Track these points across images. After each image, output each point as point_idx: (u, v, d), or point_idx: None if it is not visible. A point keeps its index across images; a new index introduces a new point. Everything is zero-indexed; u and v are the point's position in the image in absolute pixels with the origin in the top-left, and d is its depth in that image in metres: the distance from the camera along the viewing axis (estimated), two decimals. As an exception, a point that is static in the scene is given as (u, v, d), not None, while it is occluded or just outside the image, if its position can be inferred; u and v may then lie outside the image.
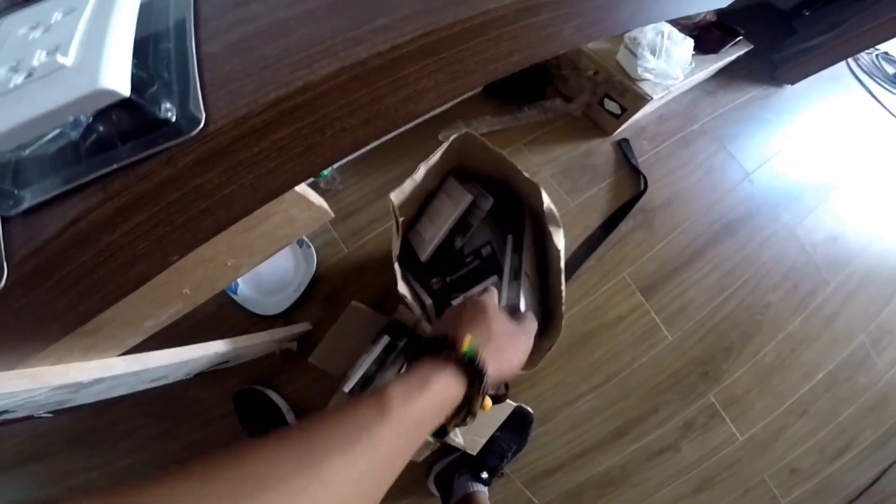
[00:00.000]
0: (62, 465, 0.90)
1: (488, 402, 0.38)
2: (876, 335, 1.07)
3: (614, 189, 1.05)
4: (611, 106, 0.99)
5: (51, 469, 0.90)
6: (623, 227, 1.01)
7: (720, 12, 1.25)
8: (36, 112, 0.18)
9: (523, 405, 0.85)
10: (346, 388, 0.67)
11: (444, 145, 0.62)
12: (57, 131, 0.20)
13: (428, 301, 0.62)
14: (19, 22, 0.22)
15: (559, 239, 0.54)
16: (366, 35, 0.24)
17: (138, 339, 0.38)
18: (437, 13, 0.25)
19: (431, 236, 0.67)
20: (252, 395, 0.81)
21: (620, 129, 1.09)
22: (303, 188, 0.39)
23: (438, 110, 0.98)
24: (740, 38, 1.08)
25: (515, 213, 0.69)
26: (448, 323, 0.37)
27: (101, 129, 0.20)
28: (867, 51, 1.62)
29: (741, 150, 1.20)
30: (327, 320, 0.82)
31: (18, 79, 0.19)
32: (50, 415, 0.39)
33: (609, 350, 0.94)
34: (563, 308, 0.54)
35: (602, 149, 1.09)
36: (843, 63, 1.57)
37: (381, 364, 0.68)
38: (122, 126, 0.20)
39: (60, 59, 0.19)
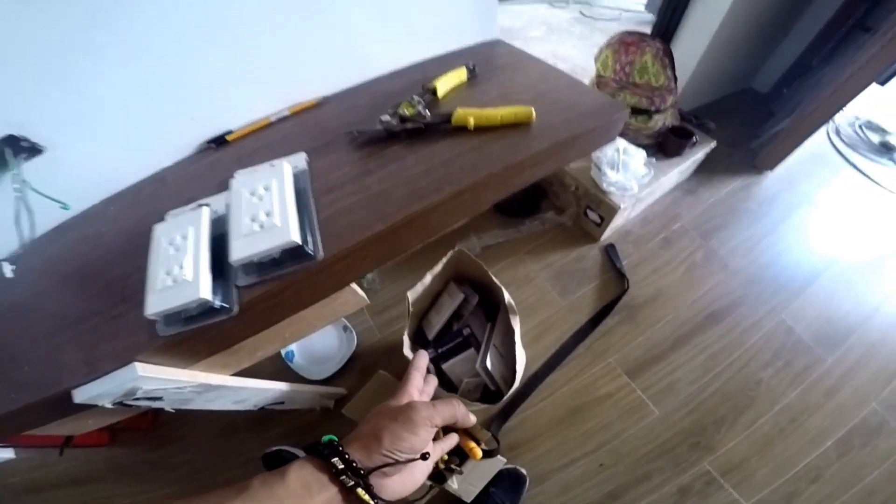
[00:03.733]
0: (99, 490, 1.09)
1: (479, 452, 0.49)
2: (890, 401, 1.10)
3: (601, 289, 1.26)
4: (592, 216, 1.25)
5: (85, 494, 1.08)
6: (609, 321, 1.19)
7: (696, 110, 1.50)
8: (265, 247, 0.43)
9: (518, 467, 1.01)
10: None
11: (444, 259, 0.91)
12: (267, 252, 0.44)
13: (430, 367, 0.87)
14: (245, 187, 0.48)
15: (516, 323, 0.79)
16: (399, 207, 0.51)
17: (250, 364, 0.61)
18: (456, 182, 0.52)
19: (436, 322, 0.93)
20: (280, 456, 1.00)
21: (606, 235, 1.31)
22: (353, 285, 0.66)
23: (457, 225, 1.28)
24: (695, 138, 1.29)
25: (494, 305, 0.94)
26: None
27: (281, 253, 0.45)
28: (849, 122, 1.71)
29: (722, 244, 1.36)
30: (360, 387, 1.06)
31: (256, 227, 0.44)
32: (172, 410, 0.62)
33: (599, 422, 1.08)
34: (519, 368, 0.77)
35: (591, 254, 1.32)
36: (824, 139, 1.67)
37: None
38: (289, 253, 0.46)
39: (273, 220, 0.44)
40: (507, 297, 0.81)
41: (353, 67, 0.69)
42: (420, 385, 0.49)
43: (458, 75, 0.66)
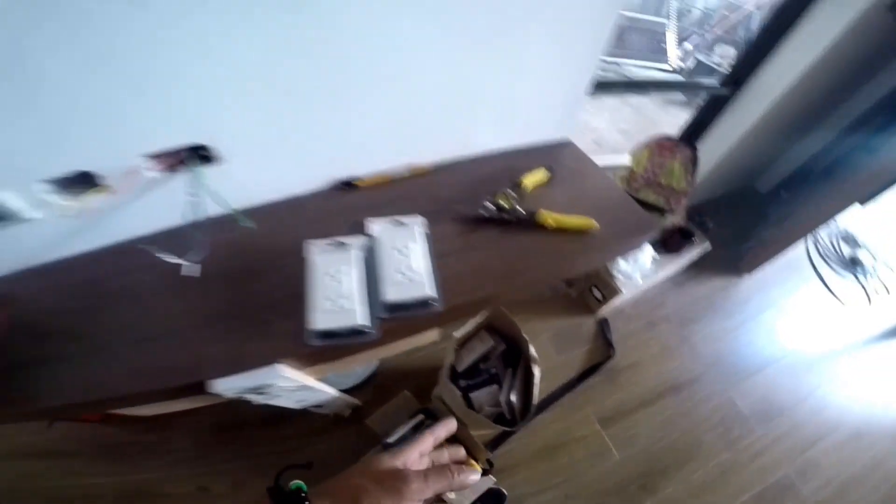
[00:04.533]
0: (73, 466, 1.13)
1: (477, 466, 0.54)
2: (801, 468, 1.37)
3: (591, 353, 1.49)
4: (596, 293, 1.46)
5: (57, 467, 1.12)
6: (592, 379, 1.43)
7: (700, 205, 1.72)
8: (410, 296, 0.60)
9: (501, 487, 1.18)
10: (389, 440, 1.05)
11: (483, 313, 1.08)
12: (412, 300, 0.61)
13: (457, 394, 1.03)
14: (388, 242, 0.65)
15: (537, 370, 0.97)
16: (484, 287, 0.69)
17: (338, 372, 0.78)
18: (535, 269, 0.70)
19: (467, 360, 1.10)
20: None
21: (602, 310, 1.54)
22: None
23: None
24: (695, 238, 1.52)
25: (518, 353, 1.13)
26: None
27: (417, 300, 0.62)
28: (829, 231, 1.95)
29: (695, 333, 1.63)
30: (374, 401, 1.18)
31: (401, 278, 0.61)
32: (263, 403, 0.74)
33: (571, 459, 1.28)
34: (533, 402, 0.96)
35: (587, 323, 1.56)
36: (802, 248, 1.93)
37: (414, 431, 1.07)
38: (423, 302, 0.61)
39: (415, 276, 0.61)
40: (532, 350, 0.99)
41: (462, 145, 0.86)
42: (427, 449, 0.44)
43: (540, 174, 0.84)
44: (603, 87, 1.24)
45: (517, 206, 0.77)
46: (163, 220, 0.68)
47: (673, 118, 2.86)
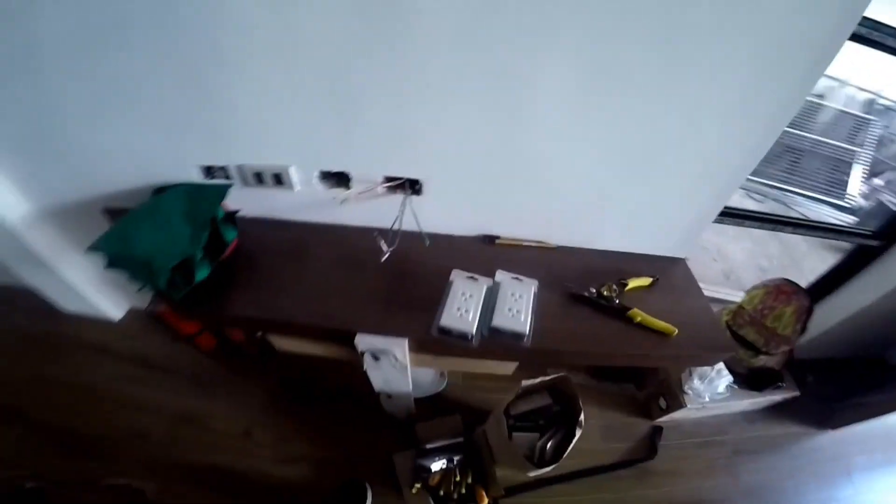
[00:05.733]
0: (155, 379, 1.44)
1: (486, 500, 0.76)
2: None
3: (632, 450, 1.50)
4: (661, 402, 1.50)
5: (141, 376, 1.43)
6: (623, 472, 1.43)
7: (811, 361, 1.61)
8: (511, 327, 0.83)
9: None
10: (425, 446, 1.21)
11: (551, 375, 1.23)
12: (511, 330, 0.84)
13: (505, 424, 1.19)
14: (508, 287, 0.89)
15: (577, 432, 1.08)
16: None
17: (425, 368, 1.03)
18: (611, 345, 0.89)
19: (523, 407, 1.27)
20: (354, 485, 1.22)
21: (661, 419, 1.55)
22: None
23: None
24: (783, 384, 1.46)
25: (569, 419, 1.25)
26: None
27: (514, 333, 0.85)
28: None
29: (746, 467, 1.52)
30: (429, 417, 1.35)
31: (508, 313, 0.85)
32: (369, 369, 1.01)
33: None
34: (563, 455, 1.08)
35: (641, 426, 1.57)
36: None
37: (449, 449, 1.23)
38: (518, 335, 0.84)
39: (519, 316, 0.84)
40: (581, 417, 1.12)
41: (586, 238, 1.08)
42: None
43: (645, 281, 1.01)
44: (731, 216, 1.31)
45: (615, 298, 0.94)
46: (374, 221, 1.01)
47: (822, 264, 2.63)
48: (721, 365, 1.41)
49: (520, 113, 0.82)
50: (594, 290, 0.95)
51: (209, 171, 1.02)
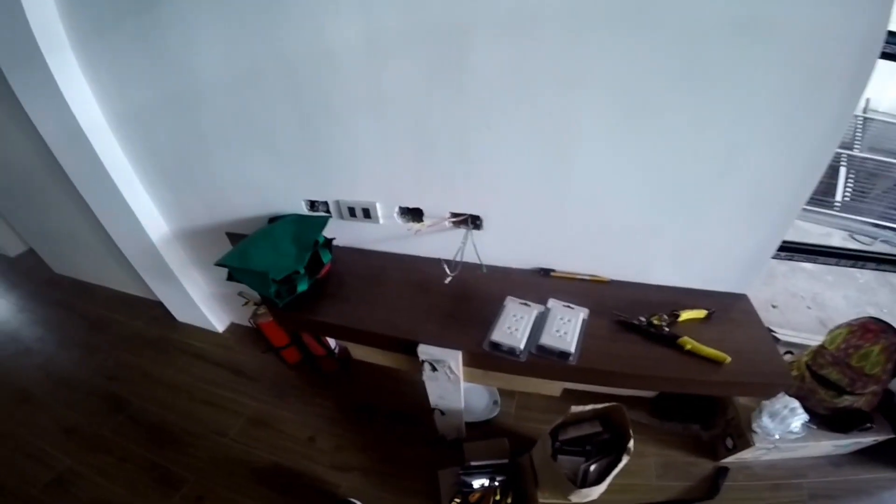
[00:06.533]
0: (239, 384, 1.71)
1: None
2: None
3: (690, 489, 1.40)
4: (728, 442, 1.41)
5: (230, 381, 1.71)
6: None
7: None
8: (558, 346, 0.91)
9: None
10: (469, 463, 1.27)
11: (607, 404, 1.25)
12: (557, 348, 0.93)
13: (549, 446, 1.22)
14: (558, 313, 0.98)
15: (624, 459, 1.07)
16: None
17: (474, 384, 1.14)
18: (657, 370, 0.93)
19: (572, 433, 1.29)
20: None
21: (727, 460, 1.44)
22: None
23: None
24: (872, 426, 1.32)
25: (618, 448, 1.25)
26: None
27: (561, 351, 0.93)
28: None
29: None
30: (477, 438, 1.42)
31: (556, 334, 0.93)
32: (428, 378, 1.13)
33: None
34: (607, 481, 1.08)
35: (704, 466, 1.45)
36: None
37: (491, 469, 1.27)
38: (564, 354, 0.92)
39: (566, 336, 0.93)
40: (631, 444, 1.12)
41: (639, 272, 1.13)
42: None
43: (699, 313, 1.03)
44: (800, 251, 1.26)
45: (665, 327, 0.99)
46: (440, 252, 1.16)
47: None
48: (795, 403, 1.32)
49: (566, 151, 0.93)
50: (643, 319, 1.00)
51: (313, 204, 1.26)
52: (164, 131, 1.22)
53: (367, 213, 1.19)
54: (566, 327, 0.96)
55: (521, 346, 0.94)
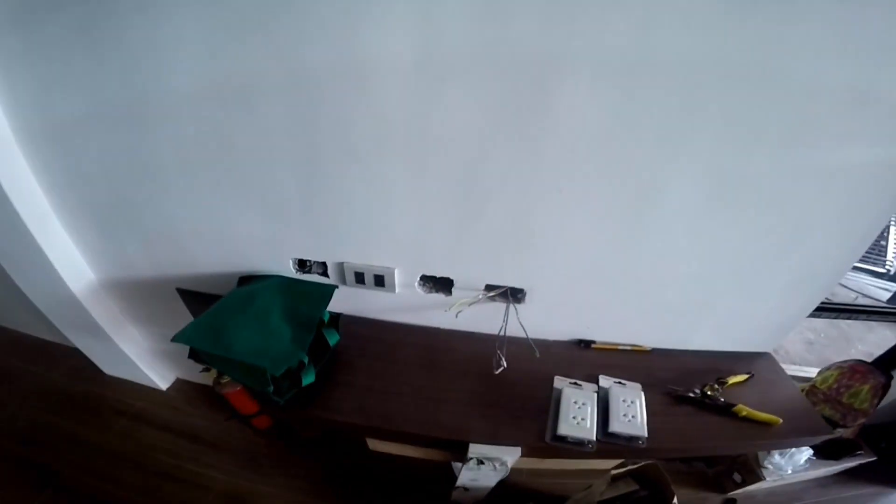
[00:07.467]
0: (202, 454, 1.38)
1: None
2: None
3: None
4: (736, 477, 1.48)
5: (184, 448, 1.40)
6: None
7: (886, 424, 1.60)
8: (630, 432, 0.83)
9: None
10: None
11: (641, 462, 1.20)
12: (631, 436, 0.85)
13: None
14: (619, 394, 0.89)
15: None
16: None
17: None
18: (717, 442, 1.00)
19: (610, 494, 1.23)
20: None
21: (735, 493, 1.53)
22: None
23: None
24: (861, 452, 1.49)
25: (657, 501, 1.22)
26: None
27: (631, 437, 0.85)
28: None
29: None
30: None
31: (624, 418, 0.85)
32: (468, 470, 0.98)
33: None
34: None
35: (712, 500, 1.52)
36: None
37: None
38: (637, 438, 0.84)
39: (636, 421, 0.84)
40: (675, 501, 1.09)
41: (679, 340, 1.09)
42: None
43: (742, 377, 1.02)
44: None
45: (719, 396, 0.95)
46: (470, 326, 1.02)
47: (877, 337, 2.59)
48: (802, 441, 1.42)
49: (640, 224, 0.82)
50: (698, 391, 0.96)
51: (302, 264, 1.02)
52: (99, 155, 0.90)
53: (379, 281, 0.99)
54: (631, 410, 0.88)
55: (593, 437, 0.84)
